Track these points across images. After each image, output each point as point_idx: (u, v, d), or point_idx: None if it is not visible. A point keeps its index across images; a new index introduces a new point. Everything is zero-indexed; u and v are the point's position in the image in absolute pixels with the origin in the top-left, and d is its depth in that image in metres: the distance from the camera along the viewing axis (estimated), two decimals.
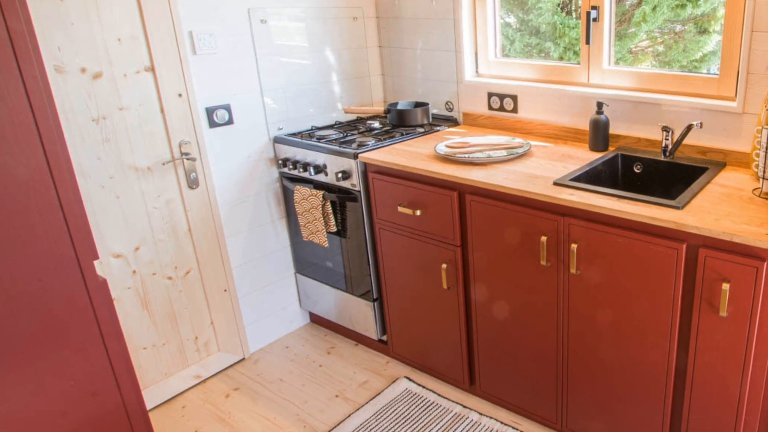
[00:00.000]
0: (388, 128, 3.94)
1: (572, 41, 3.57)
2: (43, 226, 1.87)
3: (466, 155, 3.25)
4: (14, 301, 1.85)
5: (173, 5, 3.21)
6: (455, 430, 3.27)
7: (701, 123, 2.97)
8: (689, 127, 2.97)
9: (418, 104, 4.08)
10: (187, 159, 3.42)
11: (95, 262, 2.03)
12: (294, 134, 3.85)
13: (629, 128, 3.38)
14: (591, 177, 3.06)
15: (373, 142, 3.61)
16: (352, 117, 4.30)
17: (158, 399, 3.57)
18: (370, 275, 3.69)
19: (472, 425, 3.29)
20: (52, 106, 1.85)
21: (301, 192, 3.69)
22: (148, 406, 3.46)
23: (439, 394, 3.54)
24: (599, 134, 3.32)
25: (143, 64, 3.19)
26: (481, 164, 3.19)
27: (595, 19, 3.34)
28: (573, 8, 3.49)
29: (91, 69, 2.98)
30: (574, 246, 2.69)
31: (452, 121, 4.13)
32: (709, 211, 2.47)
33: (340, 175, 3.52)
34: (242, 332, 3.90)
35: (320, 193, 3.60)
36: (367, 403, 3.50)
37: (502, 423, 3.30)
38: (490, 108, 3.93)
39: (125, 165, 3.20)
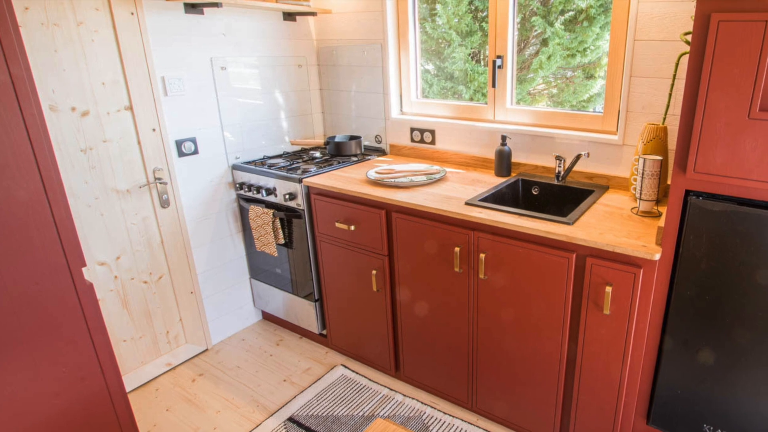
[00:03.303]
0: (328, 157, 3.82)
1: (481, 85, 3.50)
2: (39, 238, 1.87)
3: (392, 180, 3.15)
4: (15, 301, 1.84)
5: (148, 55, 3.11)
6: (383, 408, 3.15)
7: (588, 153, 2.88)
8: (578, 157, 2.88)
9: (352, 137, 3.98)
10: (160, 183, 3.30)
11: (83, 269, 2.23)
12: (249, 162, 3.74)
13: (528, 157, 3.29)
14: (496, 198, 2.98)
15: (314, 169, 3.49)
16: (298, 148, 4.18)
17: (136, 383, 3.45)
18: (312, 280, 3.56)
19: (397, 405, 3.18)
20: (47, 139, 1.84)
21: (254, 210, 3.58)
22: (127, 389, 3.40)
23: (369, 379, 3.44)
24: (503, 162, 3.23)
25: (123, 103, 3.08)
26: (404, 187, 3.08)
27: (500, 67, 3.26)
28: (481, 57, 3.45)
29: (80, 108, 2.91)
30: (482, 255, 2.60)
31: (381, 152, 4.01)
32: (594, 227, 2.39)
33: (287, 196, 3.40)
34: (206, 327, 3.78)
35: (271, 211, 3.49)
36: (309, 386, 3.38)
37: (422, 403, 3.20)
38: (413, 140, 3.82)
39: (108, 188, 3.11)
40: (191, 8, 3.28)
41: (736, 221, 1.93)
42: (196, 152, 3.47)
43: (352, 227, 3.12)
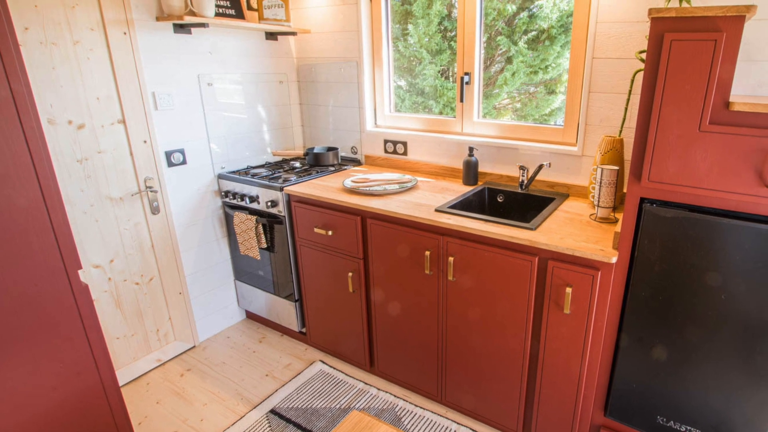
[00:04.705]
0: (307, 167, 3.77)
1: (450, 100, 3.47)
2: (38, 243, 1.85)
3: (367, 188, 3.11)
4: (16, 301, 1.83)
5: (140, 72, 3.07)
6: (359, 401, 3.11)
7: (550, 163, 2.87)
8: (540, 167, 2.85)
9: (330, 148, 3.92)
10: (151, 191, 3.25)
11: (79, 271, 2.25)
12: (233, 172, 3.67)
13: (494, 167, 3.25)
14: (464, 205, 2.94)
15: (295, 178, 3.44)
16: (279, 158, 4.12)
17: (128, 377, 3.40)
18: (292, 281, 3.50)
19: (372, 398, 3.14)
20: (45, 150, 1.82)
21: (239, 217, 3.53)
22: (120, 383, 3.37)
23: (346, 374, 3.38)
24: (470, 172, 3.20)
25: (116, 117, 3.03)
26: (378, 195, 3.04)
27: (467, 83, 3.24)
28: (450, 74, 3.43)
29: (76, 121, 2.87)
30: (451, 259, 2.56)
31: (356, 162, 3.96)
32: (555, 232, 2.36)
33: (269, 203, 3.34)
34: (193, 325, 3.71)
35: (254, 217, 3.44)
36: (290, 380, 3.33)
37: (395, 396, 3.15)
38: (386, 151, 3.77)
39: (103, 196, 3.06)
40: (180, 28, 3.24)
41: (687, 227, 1.93)
42: (184, 162, 3.42)
43: (330, 232, 3.07)
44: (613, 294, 2.19)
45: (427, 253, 2.65)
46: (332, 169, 3.73)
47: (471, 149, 3.18)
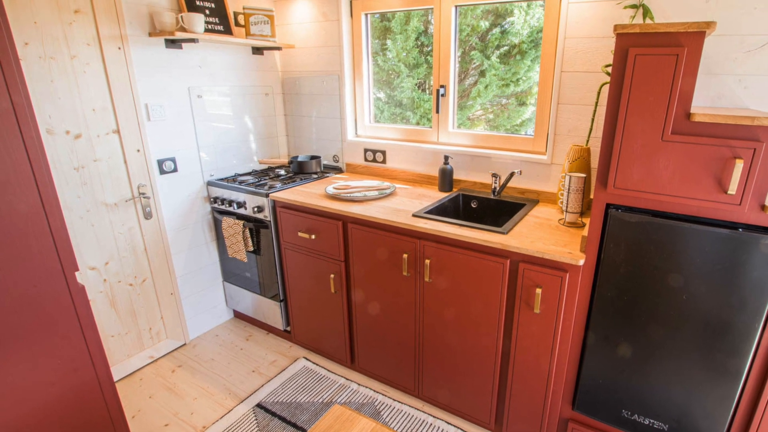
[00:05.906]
0: (291, 175, 3.72)
1: (426, 111, 3.45)
2: (37, 246, 1.84)
3: (348, 194, 3.06)
4: (16, 301, 1.82)
5: (134, 85, 3.03)
6: (340, 396, 3.06)
7: (521, 171, 2.83)
8: (512, 174, 2.82)
9: (313, 157, 3.85)
10: (144, 197, 3.20)
11: (76, 273, 2.19)
12: (222, 179, 3.61)
13: (468, 175, 3.21)
14: (440, 210, 2.90)
15: (280, 185, 3.38)
16: (265, 166, 4.05)
17: (122, 373, 3.35)
18: (277, 282, 3.44)
19: (353, 393, 3.09)
20: (44, 159, 1.82)
21: (227, 221, 3.47)
22: (115, 379, 3.32)
23: (328, 370, 3.33)
24: (446, 179, 3.17)
25: (111, 127, 2.99)
26: (359, 201, 2.99)
27: (443, 95, 3.20)
28: (427, 86, 3.42)
29: (73, 131, 2.84)
30: (427, 261, 2.52)
31: (338, 170, 3.91)
32: (526, 236, 2.33)
33: (256, 209, 3.28)
34: (184, 324, 3.65)
35: (241, 222, 3.38)
36: (275, 376, 3.28)
37: (374, 391, 3.10)
38: (366, 160, 3.72)
39: (98, 201, 3.02)
40: (171, 43, 3.18)
41: (650, 231, 1.91)
42: (175, 170, 3.36)
43: (313, 236, 3.02)
44: (580, 294, 2.17)
45: (405, 255, 2.60)
46: (315, 176, 3.68)
47: (446, 158, 3.15)
